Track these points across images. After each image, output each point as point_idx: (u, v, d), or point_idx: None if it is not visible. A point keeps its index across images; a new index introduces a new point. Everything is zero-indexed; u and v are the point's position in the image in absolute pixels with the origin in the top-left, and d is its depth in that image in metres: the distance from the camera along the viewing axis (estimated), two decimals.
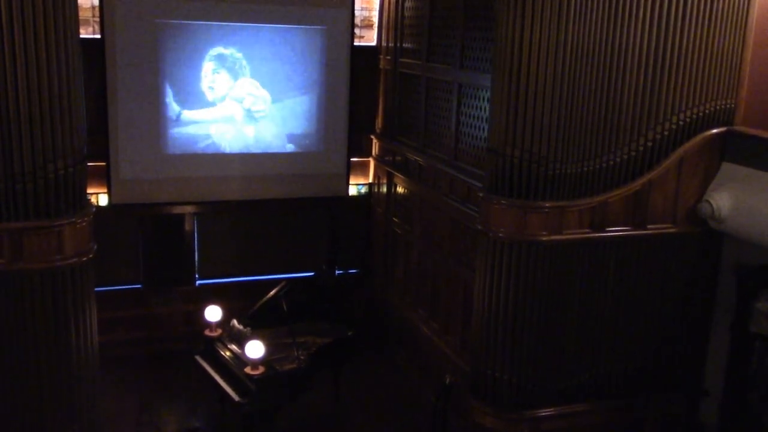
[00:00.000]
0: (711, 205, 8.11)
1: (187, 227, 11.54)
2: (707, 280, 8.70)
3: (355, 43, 11.87)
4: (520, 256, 7.80)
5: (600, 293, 8.24)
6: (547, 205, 7.75)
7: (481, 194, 8.14)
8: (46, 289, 7.11)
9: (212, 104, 11.21)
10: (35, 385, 7.23)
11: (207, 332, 9.52)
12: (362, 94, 12.11)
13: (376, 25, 12.19)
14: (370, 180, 12.48)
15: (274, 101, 11.49)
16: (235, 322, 9.49)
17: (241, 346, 8.92)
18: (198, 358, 9.44)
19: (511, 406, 8.15)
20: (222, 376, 9.01)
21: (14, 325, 7.07)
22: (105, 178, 10.85)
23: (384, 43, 11.96)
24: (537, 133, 7.62)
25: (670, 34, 7.87)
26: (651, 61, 7.88)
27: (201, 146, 11.26)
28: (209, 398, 9.66)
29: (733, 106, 8.38)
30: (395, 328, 11.47)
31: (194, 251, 11.67)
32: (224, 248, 11.89)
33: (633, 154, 8.05)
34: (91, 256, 7.42)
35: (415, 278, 10.94)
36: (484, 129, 9.07)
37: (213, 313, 9.54)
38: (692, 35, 7.97)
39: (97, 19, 10.57)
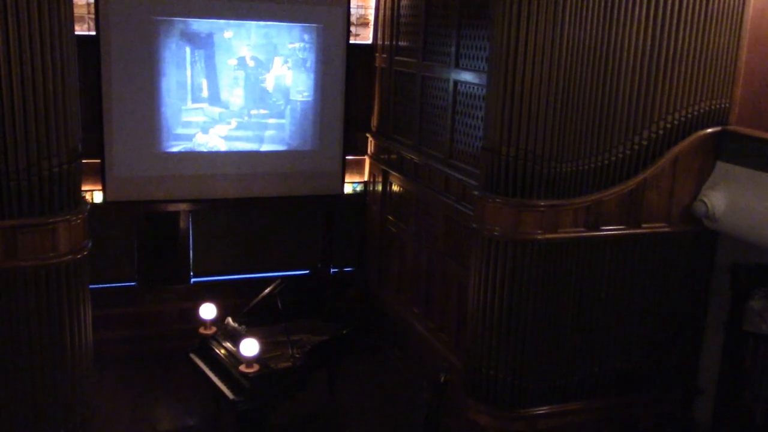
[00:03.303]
0: (706, 204, 8.13)
1: (182, 225, 11.52)
2: (701, 279, 8.73)
3: (351, 41, 11.87)
4: (515, 254, 7.81)
5: (594, 292, 8.25)
6: (542, 203, 7.76)
7: (476, 193, 8.15)
8: (41, 287, 7.10)
9: (208, 101, 11.19)
10: (29, 383, 7.22)
11: (202, 330, 9.52)
12: (358, 92, 12.10)
13: (371, 23, 12.19)
14: (366, 178, 12.48)
15: (269, 99, 11.48)
16: (229, 320, 9.49)
17: (236, 344, 8.92)
18: (193, 355, 9.43)
19: (506, 404, 8.16)
20: (217, 374, 9.01)
21: (8, 323, 7.05)
22: (100, 175, 10.83)
23: (380, 42, 11.95)
24: (532, 131, 7.63)
25: (665, 33, 7.89)
26: (646, 61, 7.90)
27: (196, 144, 11.24)
28: (204, 396, 9.66)
29: (727, 105, 8.41)
30: (390, 326, 11.48)
31: (189, 249, 11.66)
32: (219, 246, 11.88)
33: (628, 153, 8.07)
34: (85, 253, 7.40)
35: (409, 276, 10.95)
36: (479, 127, 9.07)
37: (208, 310, 9.53)
38: (687, 35, 7.99)
39: (92, 16, 10.54)
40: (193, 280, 11.77)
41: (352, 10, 11.88)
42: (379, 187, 11.89)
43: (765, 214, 7.56)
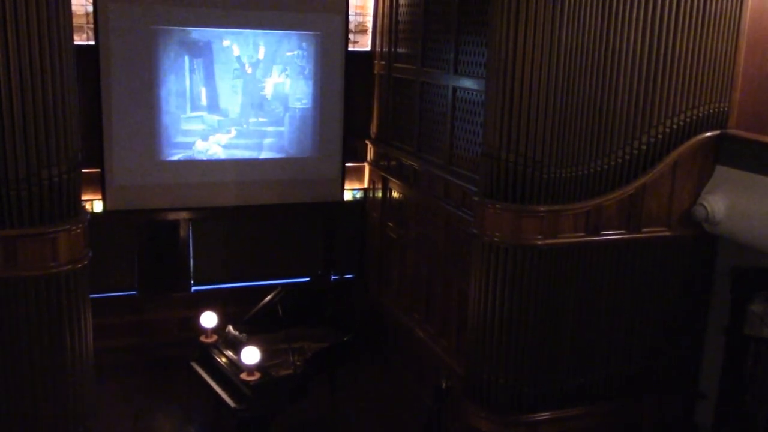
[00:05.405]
0: (705, 208, 8.13)
1: (182, 233, 11.52)
2: (702, 283, 8.73)
3: (350, 49, 11.88)
4: (515, 260, 7.81)
5: (595, 297, 8.25)
6: (541, 209, 7.76)
7: (476, 198, 8.16)
8: (41, 296, 7.10)
9: (207, 110, 11.21)
10: (30, 393, 7.21)
11: (202, 338, 9.50)
12: (357, 99, 12.12)
13: (370, 30, 12.21)
14: (365, 185, 12.49)
15: (268, 107, 11.49)
16: (230, 328, 9.48)
17: (237, 352, 8.91)
18: (194, 364, 9.41)
19: (507, 409, 8.15)
20: (218, 383, 8.99)
21: (9, 333, 7.05)
22: (99, 184, 10.83)
23: (378, 48, 11.98)
24: (531, 137, 7.63)
25: (664, 37, 7.91)
26: (645, 65, 7.91)
27: (195, 152, 11.25)
28: (205, 405, 9.64)
29: (726, 109, 8.42)
30: (391, 332, 11.47)
31: (189, 257, 11.65)
32: (219, 254, 11.87)
33: (627, 157, 8.07)
34: (85, 262, 7.41)
35: (410, 282, 10.94)
36: (478, 133, 9.08)
37: (208, 319, 9.52)
38: (686, 39, 8.00)
39: (92, 26, 10.56)
40: (193, 288, 11.76)
41: (351, 18, 11.90)
42: (379, 194, 11.89)
43: (765, 218, 7.56)
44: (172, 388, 10.37)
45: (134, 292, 11.48)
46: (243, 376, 8.64)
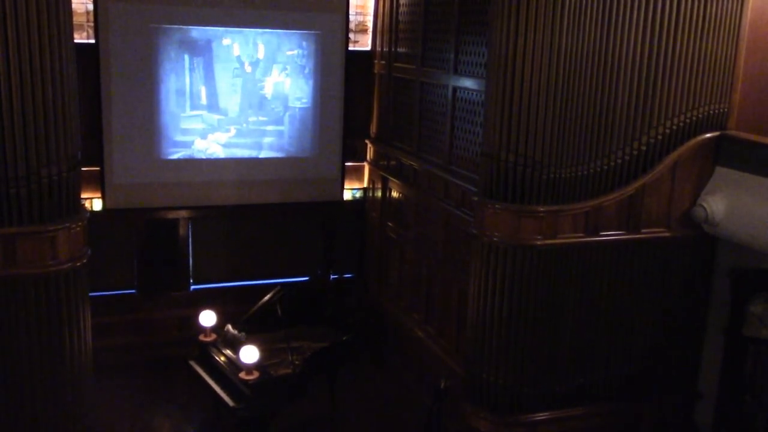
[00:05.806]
0: (705, 209, 8.14)
1: (181, 232, 11.52)
2: (701, 284, 8.73)
3: (350, 48, 11.88)
4: (514, 260, 7.81)
5: (595, 297, 8.25)
6: (541, 209, 7.76)
7: (475, 198, 8.16)
8: (40, 295, 7.10)
9: (206, 109, 11.20)
10: (29, 392, 7.21)
11: (201, 337, 9.50)
12: (357, 98, 12.11)
13: (370, 29, 12.21)
14: (365, 184, 12.48)
15: (268, 106, 11.49)
16: (229, 327, 9.47)
17: (236, 351, 8.90)
18: (192, 363, 9.41)
19: (506, 410, 8.15)
20: (217, 382, 8.99)
21: (8, 331, 7.05)
22: (99, 182, 10.83)
23: (378, 48, 11.97)
24: (531, 137, 7.63)
25: (664, 39, 7.91)
26: (645, 66, 7.91)
27: (195, 151, 11.25)
28: (204, 404, 9.64)
29: (726, 110, 8.42)
30: (390, 332, 11.47)
31: (189, 256, 11.64)
32: (219, 253, 11.87)
33: (627, 158, 8.08)
34: (85, 261, 7.41)
35: (409, 282, 10.94)
36: (478, 133, 9.08)
37: (207, 318, 9.52)
38: (686, 40, 8.01)
39: (92, 24, 10.56)
40: (192, 287, 11.75)
41: (351, 17, 11.89)
42: (379, 194, 11.89)
43: (764, 219, 7.57)
44: (171, 387, 10.37)
45: (133, 291, 11.47)
46: (242, 375, 8.63)
